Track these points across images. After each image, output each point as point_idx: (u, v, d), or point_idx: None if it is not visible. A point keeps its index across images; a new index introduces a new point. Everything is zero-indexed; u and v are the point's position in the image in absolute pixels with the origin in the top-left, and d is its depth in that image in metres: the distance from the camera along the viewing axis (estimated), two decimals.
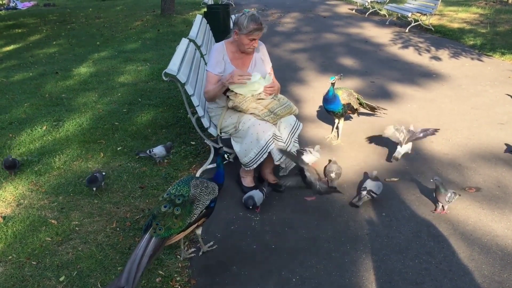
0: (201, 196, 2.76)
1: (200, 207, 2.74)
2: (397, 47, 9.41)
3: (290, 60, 8.39)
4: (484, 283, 2.80)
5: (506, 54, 8.38)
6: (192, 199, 2.71)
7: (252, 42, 3.65)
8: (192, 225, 2.74)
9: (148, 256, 2.46)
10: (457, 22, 11.93)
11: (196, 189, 2.76)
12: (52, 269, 2.95)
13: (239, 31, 3.59)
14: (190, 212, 2.68)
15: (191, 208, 2.69)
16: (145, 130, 5.16)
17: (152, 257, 2.49)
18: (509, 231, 3.31)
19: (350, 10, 15.05)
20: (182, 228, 2.65)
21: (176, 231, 2.63)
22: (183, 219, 2.65)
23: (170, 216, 2.61)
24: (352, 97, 4.63)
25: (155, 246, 2.52)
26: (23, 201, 3.76)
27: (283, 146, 3.61)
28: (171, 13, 13.80)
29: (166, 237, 2.58)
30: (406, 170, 4.21)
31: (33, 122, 5.43)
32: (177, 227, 2.62)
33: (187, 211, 2.67)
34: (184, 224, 2.65)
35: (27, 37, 11.40)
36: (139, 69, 7.83)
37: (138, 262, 2.43)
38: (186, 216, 2.66)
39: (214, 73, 3.70)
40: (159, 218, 2.59)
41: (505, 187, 3.90)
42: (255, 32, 3.57)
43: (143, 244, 2.50)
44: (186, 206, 2.68)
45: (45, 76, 7.59)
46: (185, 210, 2.66)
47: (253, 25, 3.53)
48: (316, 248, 3.17)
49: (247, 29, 3.54)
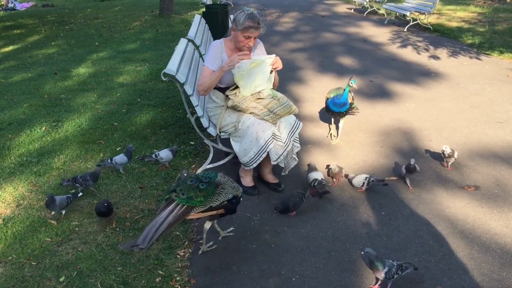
0: (226, 186, 2.90)
1: (223, 195, 2.86)
2: (395, 46, 9.42)
3: (289, 60, 8.40)
4: (483, 282, 2.81)
5: (504, 53, 8.39)
6: (217, 183, 2.87)
7: (248, 41, 3.61)
8: (212, 210, 2.85)
9: (167, 223, 2.60)
10: (455, 21, 11.94)
11: (222, 178, 2.93)
12: (52, 270, 2.96)
13: (236, 28, 3.59)
14: (213, 193, 2.81)
15: (214, 190, 2.83)
16: (145, 130, 5.16)
17: (171, 225, 2.64)
18: (508, 229, 3.32)
19: (348, 9, 15.06)
20: (203, 203, 2.76)
21: (197, 203, 2.73)
22: (205, 196, 2.76)
23: (194, 188, 2.75)
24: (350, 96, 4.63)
25: (176, 214, 2.65)
26: (23, 201, 3.76)
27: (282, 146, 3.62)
28: (169, 13, 13.80)
29: (188, 206, 2.69)
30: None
31: (32, 122, 5.43)
32: (198, 200, 2.73)
33: (211, 190, 2.81)
34: (205, 201, 2.77)
35: (25, 38, 11.40)
36: (138, 70, 7.83)
37: (157, 228, 2.56)
38: (209, 196, 2.79)
39: (211, 69, 3.68)
40: (183, 187, 2.74)
41: (504, 185, 3.91)
42: (250, 30, 3.54)
43: (166, 213, 2.64)
44: (211, 186, 2.82)
45: (44, 76, 7.59)
46: (209, 189, 2.80)
47: (249, 22, 3.51)
48: (316, 247, 3.18)
49: (242, 25, 3.53)
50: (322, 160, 4.40)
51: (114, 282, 2.85)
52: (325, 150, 4.60)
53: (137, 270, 2.94)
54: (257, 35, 3.65)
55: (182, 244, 3.22)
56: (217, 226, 3.25)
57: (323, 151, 4.59)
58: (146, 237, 2.52)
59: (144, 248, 2.48)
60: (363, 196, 3.79)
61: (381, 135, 4.95)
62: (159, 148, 4.60)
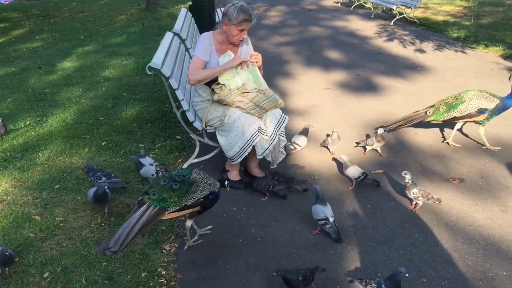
0: (201, 183, 2.85)
1: (198, 193, 2.81)
2: (382, 40, 9.45)
3: (276, 54, 8.38)
4: (467, 273, 2.84)
5: (489, 46, 8.46)
6: (192, 181, 2.80)
7: (241, 33, 3.63)
8: (187, 208, 2.80)
9: (140, 224, 2.54)
10: (441, 15, 12.01)
11: (197, 175, 2.88)
12: (36, 266, 2.93)
13: (229, 22, 3.57)
14: (188, 192, 2.76)
15: (189, 189, 2.77)
16: (130, 124, 5.12)
17: (144, 227, 2.57)
18: (492, 221, 3.35)
19: (335, 3, 15.06)
20: (177, 203, 2.71)
21: (171, 204, 2.69)
22: (179, 195, 2.72)
23: (167, 189, 2.70)
24: None
25: (149, 216, 2.60)
26: (6, 197, 3.71)
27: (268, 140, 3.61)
28: (156, 7, 13.68)
29: (161, 207, 2.65)
30: (391, 162, 4.24)
31: (16, 117, 5.35)
32: (172, 201, 2.69)
33: (185, 189, 2.75)
34: (180, 201, 2.72)
35: (9, 32, 11.22)
36: (124, 64, 7.76)
37: (130, 230, 2.50)
38: (183, 195, 2.74)
39: (202, 59, 3.65)
40: (156, 189, 2.69)
41: (488, 177, 3.95)
42: (245, 23, 3.55)
43: (138, 214, 2.58)
44: (184, 184, 2.77)
45: (28, 71, 7.48)
46: (183, 188, 2.75)
47: (243, 15, 3.51)
48: (302, 240, 3.18)
49: (236, 19, 3.52)
50: (308, 153, 4.40)
51: (99, 277, 2.83)
52: (312, 144, 4.60)
53: (122, 266, 2.93)
54: (250, 27, 3.65)
55: (168, 238, 3.21)
56: (194, 225, 3.21)
57: (309, 144, 4.58)
58: (118, 240, 2.45)
59: (116, 251, 2.42)
60: (349, 190, 3.80)
61: (368, 128, 4.96)
62: (144, 143, 4.58)
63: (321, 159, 4.33)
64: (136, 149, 4.47)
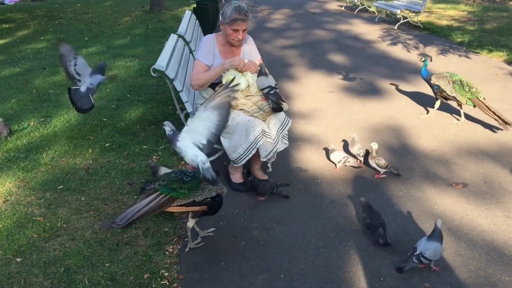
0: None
1: (207, 191, 2.87)
2: (386, 44, 9.45)
3: (280, 57, 8.39)
4: (470, 278, 2.84)
5: (493, 51, 8.45)
6: (202, 179, 2.86)
7: (236, 34, 3.59)
8: (195, 205, 2.85)
9: (148, 208, 2.61)
10: (445, 20, 12.00)
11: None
12: (39, 266, 2.93)
13: (224, 21, 3.58)
14: (197, 188, 2.82)
15: (199, 185, 2.84)
16: (134, 126, 5.13)
17: (151, 212, 2.63)
18: (495, 226, 3.35)
19: (339, 7, 15.07)
20: (186, 196, 2.76)
21: (180, 195, 2.73)
22: (189, 188, 2.77)
23: (178, 180, 2.76)
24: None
25: (158, 202, 2.65)
26: (10, 197, 3.73)
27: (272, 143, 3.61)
28: (160, 9, 13.72)
29: (170, 196, 2.70)
30: (394, 166, 4.23)
31: (20, 118, 5.37)
32: (182, 192, 2.74)
33: (195, 184, 2.81)
34: (189, 194, 2.78)
35: (14, 33, 11.27)
36: (128, 65, 7.78)
37: (137, 211, 2.56)
38: (193, 189, 2.79)
39: (204, 63, 3.66)
40: (167, 178, 2.77)
41: (491, 182, 3.95)
42: (237, 22, 3.52)
43: (148, 200, 2.64)
44: (195, 180, 2.82)
45: (33, 71, 7.51)
46: (194, 182, 2.80)
47: (235, 14, 3.49)
48: (305, 244, 3.18)
49: (229, 18, 3.51)
50: (311, 157, 4.41)
51: (102, 278, 2.83)
52: (315, 147, 4.61)
53: (125, 267, 2.93)
54: (245, 28, 3.62)
55: (171, 240, 3.21)
56: (196, 227, 3.20)
57: (313, 148, 4.59)
58: (124, 218, 2.52)
59: (121, 225, 2.49)
60: (352, 193, 3.80)
61: (371, 132, 4.96)
62: (148, 144, 4.59)
63: (324, 162, 4.32)
64: (139, 151, 4.48)
